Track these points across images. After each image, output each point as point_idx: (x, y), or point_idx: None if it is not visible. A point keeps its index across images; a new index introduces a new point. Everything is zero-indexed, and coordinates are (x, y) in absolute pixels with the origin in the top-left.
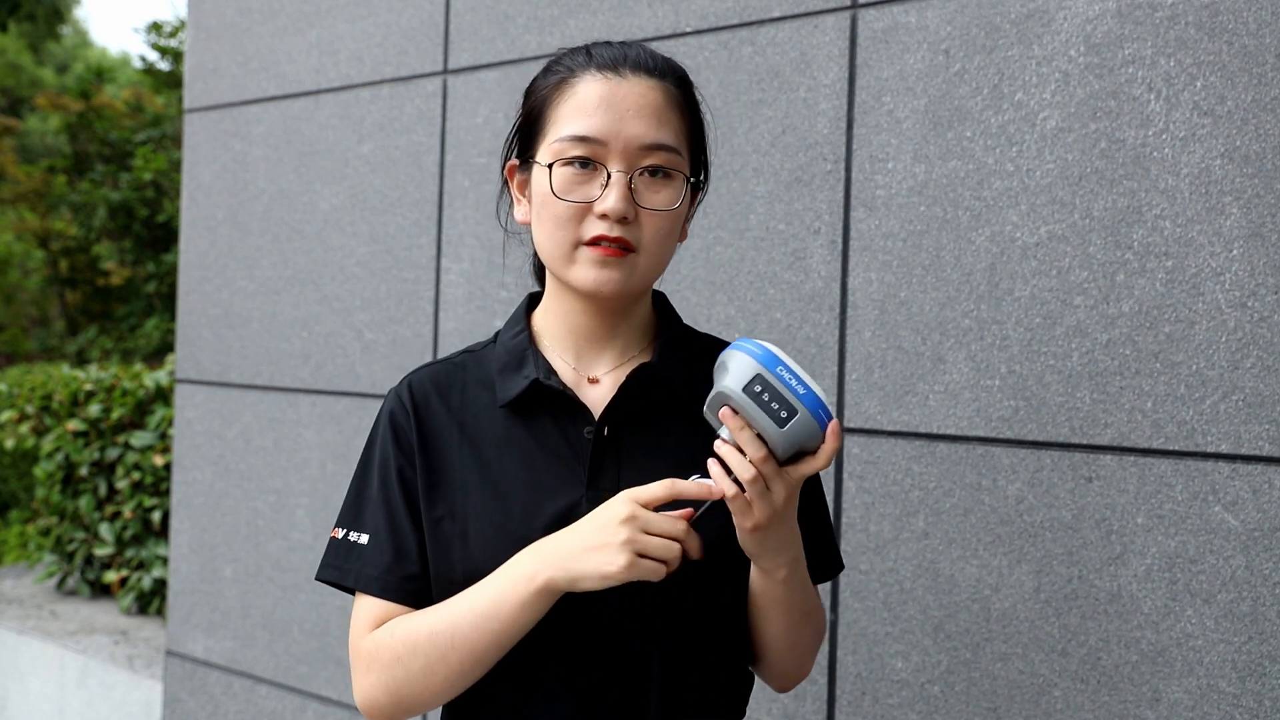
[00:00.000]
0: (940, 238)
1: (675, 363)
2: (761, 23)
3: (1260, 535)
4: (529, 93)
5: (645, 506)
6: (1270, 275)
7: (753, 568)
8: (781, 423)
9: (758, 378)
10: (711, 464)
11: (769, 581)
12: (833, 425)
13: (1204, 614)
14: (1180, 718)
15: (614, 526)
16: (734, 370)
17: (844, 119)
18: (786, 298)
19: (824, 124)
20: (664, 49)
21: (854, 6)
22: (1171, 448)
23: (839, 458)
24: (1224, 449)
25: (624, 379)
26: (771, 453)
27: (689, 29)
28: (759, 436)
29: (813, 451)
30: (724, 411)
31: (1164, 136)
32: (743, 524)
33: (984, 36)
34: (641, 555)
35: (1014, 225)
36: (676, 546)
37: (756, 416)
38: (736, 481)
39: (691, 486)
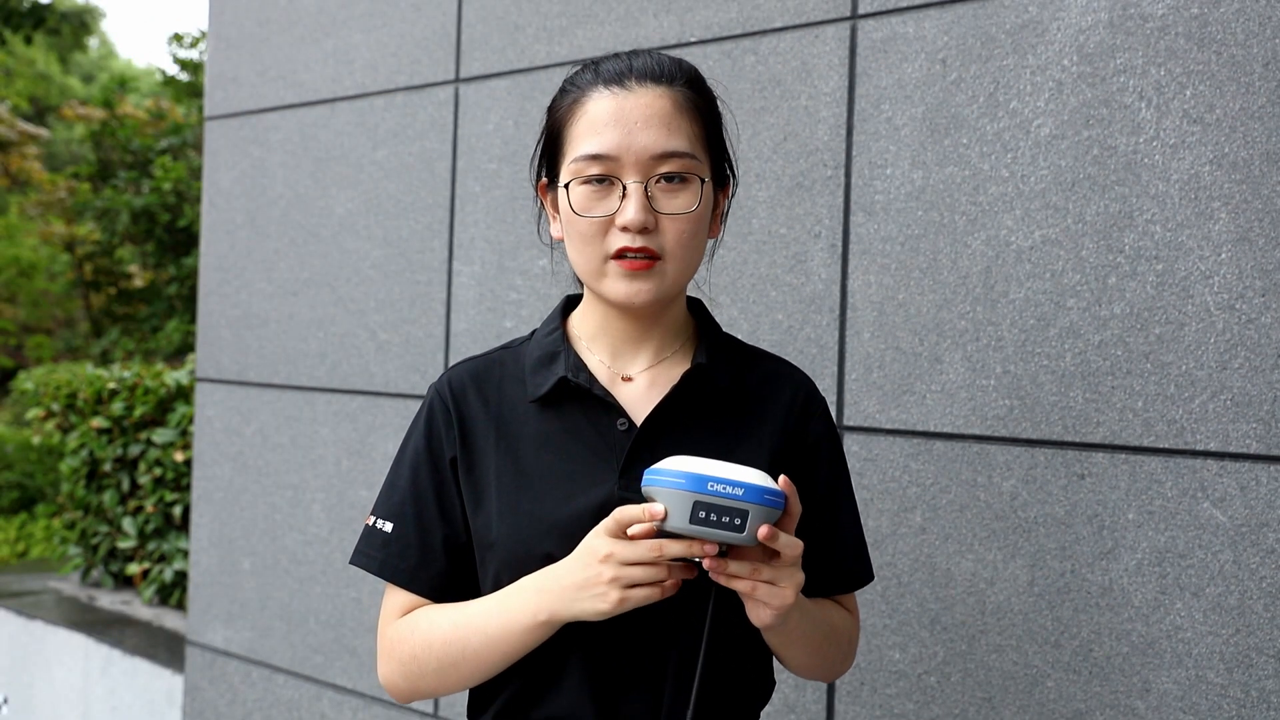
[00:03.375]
0: (937, 241)
1: (723, 365)
2: (764, 33)
3: (1247, 530)
4: (548, 114)
5: (620, 533)
6: (1258, 278)
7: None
8: (739, 528)
9: (697, 505)
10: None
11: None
12: (783, 481)
13: (1193, 607)
14: (1169, 708)
15: (596, 565)
16: (672, 506)
17: (844, 126)
18: (788, 300)
19: (824, 131)
20: None
21: (854, 17)
22: (1162, 446)
23: None
24: (1213, 447)
25: (675, 378)
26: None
27: (693, 39)
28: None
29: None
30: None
31: (1154, 143)
32: (761, 615)
33: (980, 46)
34: (630, 586)
35: (1009, 229)
36: (661, 571)
37: (714, 535)
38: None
39: (636, 510)
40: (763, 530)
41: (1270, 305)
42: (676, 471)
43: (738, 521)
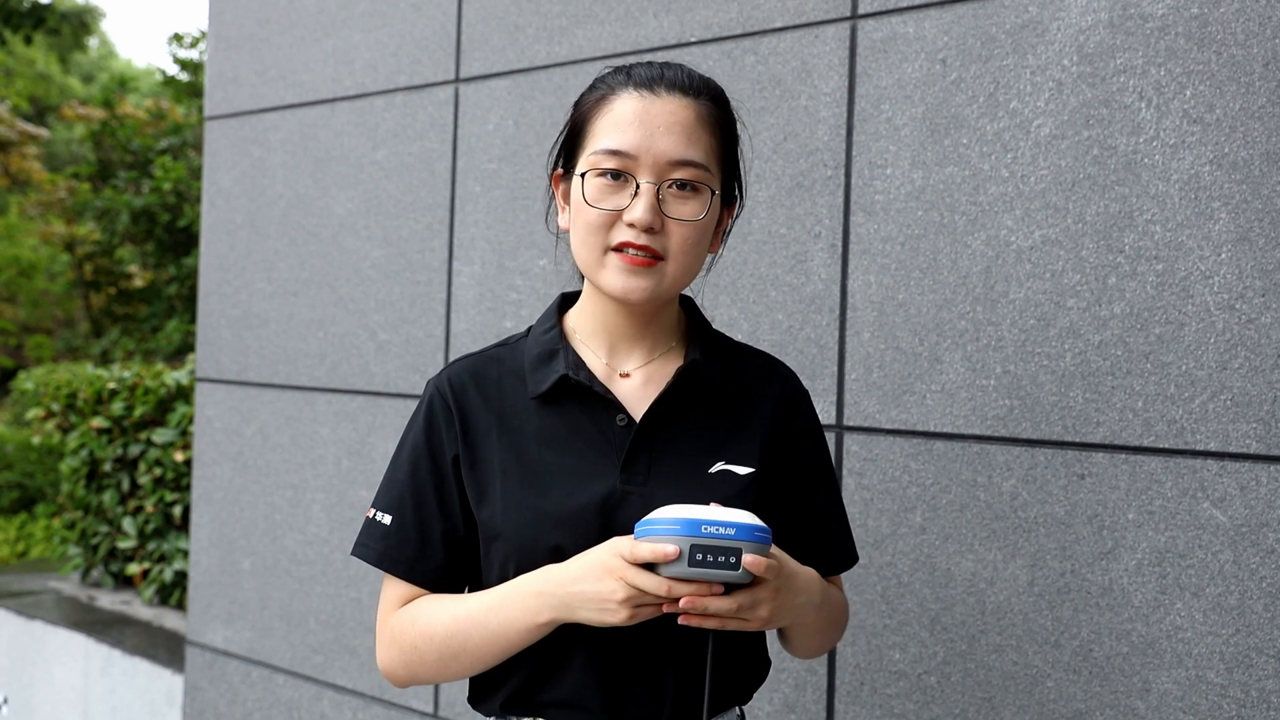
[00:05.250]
0: (937, 241)
1: (715, 362)
2: (764, 33)
3: (1247, 530)
4: (574, 107)
5: (634, 560)
6: (1258, 278)
7: None
8: (734, 566)
9: (694, 549)
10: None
11: (794, 626)
12: (750, 552)
13: (1193, 607)
14: (1169, 708)
15: (610, 581)
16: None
17: (844, 126)
18: (788, 300)
19: (824, 131)
20: (669, 59)
21: (854, 17)
22: (1162, 445)
23: (839, 456)
24: (1212, 447)
25: (670, 374)
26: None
27: (693, 39)
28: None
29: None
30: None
31: (1154, 143)
32: (748, 628)
33: (980, 46)
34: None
35: (1009, 229)
36: (668, 604)
37: (712, 576)
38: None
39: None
40: (749, 559)
41: (1270, 305)
42: (671, 519)
43: (733, 560)
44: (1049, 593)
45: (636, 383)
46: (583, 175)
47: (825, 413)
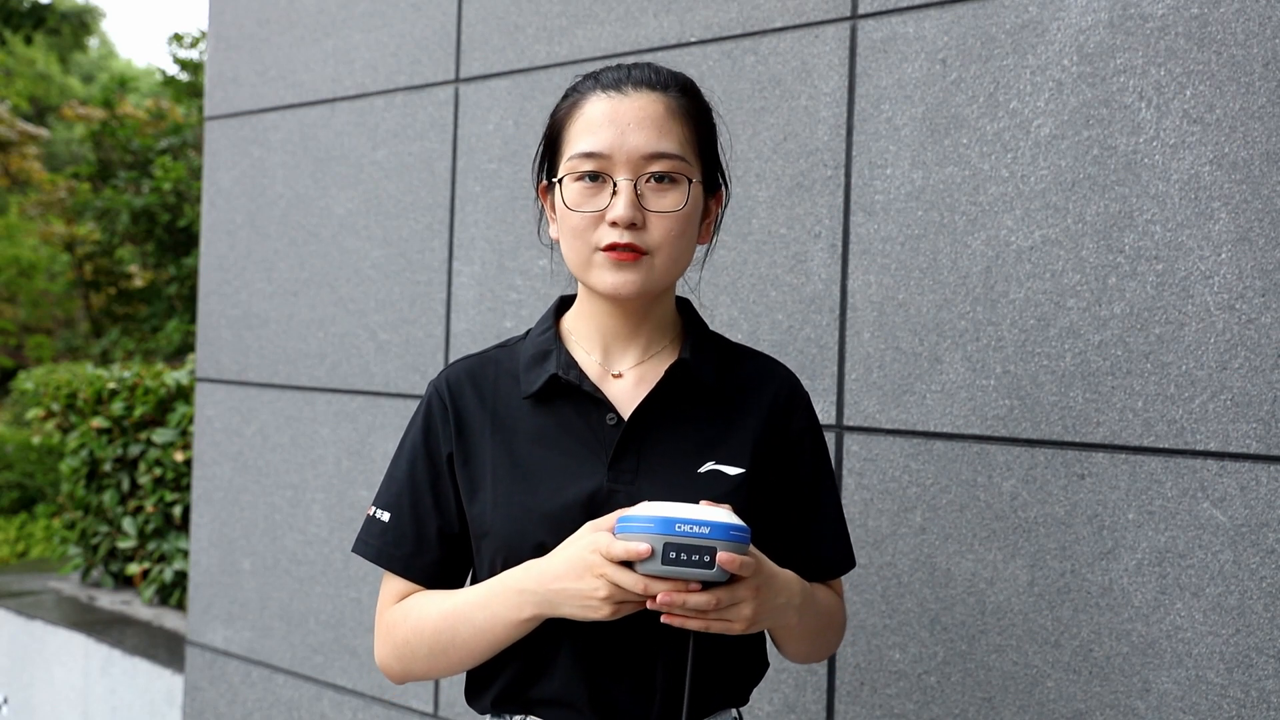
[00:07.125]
0: (937, 241)
1: (707, 361)
2: (764, 33)
3: (1247, 530)
4: (550, 118)
5: (610, 555)
6: (1258, 278)
7: None
8: (709, 565)
9: (667, 547)
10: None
11: (779, 628)
12: (725, 556)
13: (1193, 607)
14: (1169, 708)
15: (591, 579)
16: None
17: (844, 126)
18: (788, 300)
19: (824, 131)
20: (669, 59)
21: (854, 17)
22: (1162, 446)
23: (839, 456)
24: (1213, 447)
25: (662, 374)
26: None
27: (693, 39)
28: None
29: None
30: (663, 599)
31: (1155, 143)
32: (733, 630)
33: (980, 46)
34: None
35: (1009, 229)
36: (644, 597)
37: (686, 574)
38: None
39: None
40: (723, 557)
41: (1270, 305)
42: (646, 517)
43: (707, 559)
44: (1049, 593)
45: (629, 382)
46: (560, 181)
47: (825, 413)
